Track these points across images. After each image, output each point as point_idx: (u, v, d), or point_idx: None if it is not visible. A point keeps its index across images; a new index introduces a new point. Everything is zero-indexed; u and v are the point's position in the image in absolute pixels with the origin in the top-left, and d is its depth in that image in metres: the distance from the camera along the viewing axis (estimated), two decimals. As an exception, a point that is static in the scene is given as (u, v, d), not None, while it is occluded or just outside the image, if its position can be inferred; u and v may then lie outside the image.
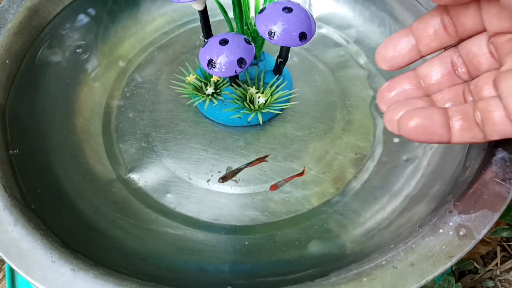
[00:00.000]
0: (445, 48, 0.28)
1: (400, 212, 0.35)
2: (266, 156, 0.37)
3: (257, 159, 0.38)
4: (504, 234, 0.44)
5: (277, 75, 0.41)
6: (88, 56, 0.45)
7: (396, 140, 0.40)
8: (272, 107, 0.40)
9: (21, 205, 0.30)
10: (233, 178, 0.38)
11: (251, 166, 0.38)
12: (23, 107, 0.38)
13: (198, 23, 0.48)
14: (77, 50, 0.44)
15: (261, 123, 0.40)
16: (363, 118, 0.42)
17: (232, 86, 0.40)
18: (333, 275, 0.27)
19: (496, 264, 0.47)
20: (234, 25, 0.39)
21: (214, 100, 0.40)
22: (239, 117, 0.40)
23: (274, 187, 0.37)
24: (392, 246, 0.28)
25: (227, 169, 0.38)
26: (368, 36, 0.47)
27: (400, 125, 0.25)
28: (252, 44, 0.35)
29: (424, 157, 0.38)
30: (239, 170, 0.38)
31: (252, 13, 0.38)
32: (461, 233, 0.27)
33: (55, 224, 0.31)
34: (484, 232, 0.27)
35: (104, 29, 0.46)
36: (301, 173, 0.38)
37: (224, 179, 0.38)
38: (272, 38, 0.32)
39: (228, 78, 0.40)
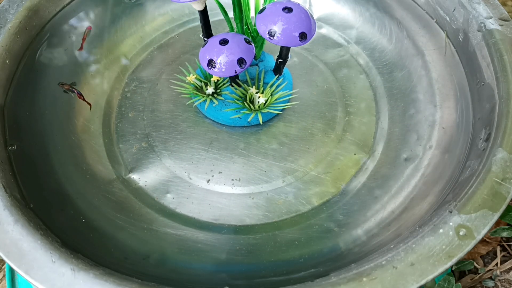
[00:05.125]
0: None
1: (400, 212, 0.35)
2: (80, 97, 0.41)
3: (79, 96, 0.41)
4: (504, 234, 0.44)
5: (277, 75, 0.41)
6: (88, 56, 0.45)
7: (396, 140, 0.40)
8: (272, 107, 0.40)
9: (21, 205, 0.30)
10: (69, 89, 0.40)
11: (80, 96, 0.41)
12: (22, 107, 0.38)
13: (198, 23, 0.48)
14: (77, 50, 0.44)
15: (261, 123, 0.40)
16: (363, 118, 0.42)
17: (232, 86, 0.40)
18: (333, 275, 0.27)
19: (496, 264, 0.47)
20: (234, 25, 0.39)
21: (214, 100, 0.40)
22: (239, 117, 0.40)
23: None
24: (392, 246, 0.28)
25: (72, 83, 0.42)
26: (368, 37, 0.47)
27: None
28: (252, 44, 0.35)
29: (424, 157, 0.38)
30: (74, 85, 0.41)
31: (252, 13, 0.38)
32: (461, 233, 0.27)
33: (55, 224, 0.31)
34: (484, 232, 0.27)
35: (104, 29, 0.46)
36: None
37: (63, 85, 0.39)
38: (272, 38, 0.32)
39: (228, 78, 0.40)
